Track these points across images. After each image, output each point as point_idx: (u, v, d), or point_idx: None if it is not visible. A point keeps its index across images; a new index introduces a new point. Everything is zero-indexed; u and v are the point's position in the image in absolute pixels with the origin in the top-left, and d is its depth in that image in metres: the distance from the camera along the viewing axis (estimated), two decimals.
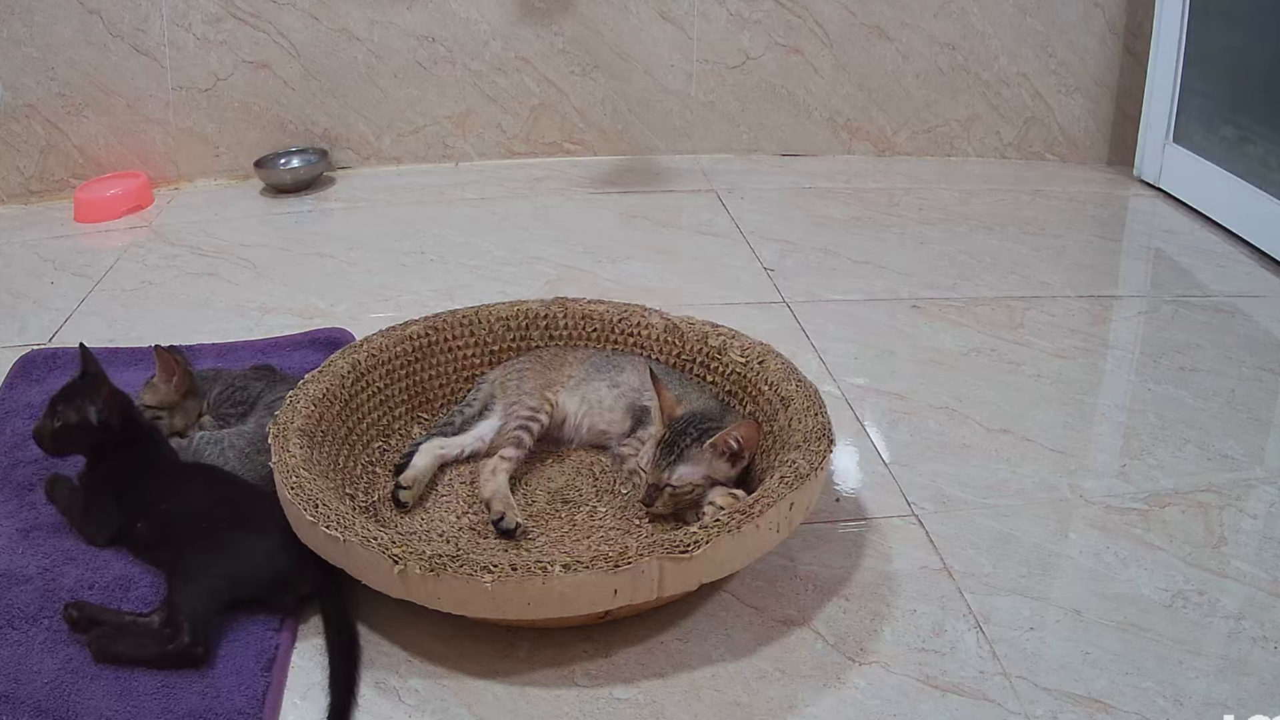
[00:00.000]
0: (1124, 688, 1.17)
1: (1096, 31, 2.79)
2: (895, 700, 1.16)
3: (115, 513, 1.36)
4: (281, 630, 1.23)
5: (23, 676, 1.15)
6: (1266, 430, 1.68)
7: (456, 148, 2.83)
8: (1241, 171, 2.40)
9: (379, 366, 1.57)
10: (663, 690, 1.17)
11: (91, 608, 1.22)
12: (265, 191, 2.66)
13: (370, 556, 1.16)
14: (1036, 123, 2.89)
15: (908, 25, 2.80)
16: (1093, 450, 1.64)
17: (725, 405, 1.54)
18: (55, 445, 1.39)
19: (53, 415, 1.37)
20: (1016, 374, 1.82)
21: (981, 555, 1.38)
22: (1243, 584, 1.33)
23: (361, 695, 1.16)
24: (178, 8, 2.57)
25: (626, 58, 2.80)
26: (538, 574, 1.12)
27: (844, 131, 2.90)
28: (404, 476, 1.45)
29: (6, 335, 1.96)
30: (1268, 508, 1.49)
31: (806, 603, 1.30)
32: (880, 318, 2.02)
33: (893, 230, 2.45)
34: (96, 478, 1.40)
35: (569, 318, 1.68)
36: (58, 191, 2.62)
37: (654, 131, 2.87)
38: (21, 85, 2.54)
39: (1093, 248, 2.40)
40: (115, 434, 1.38)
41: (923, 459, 1.59)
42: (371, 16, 2.67)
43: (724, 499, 1.35)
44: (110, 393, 1.38)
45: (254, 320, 2.00)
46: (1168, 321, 2.03)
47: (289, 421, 1.38)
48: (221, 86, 2.66)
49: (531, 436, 1.51)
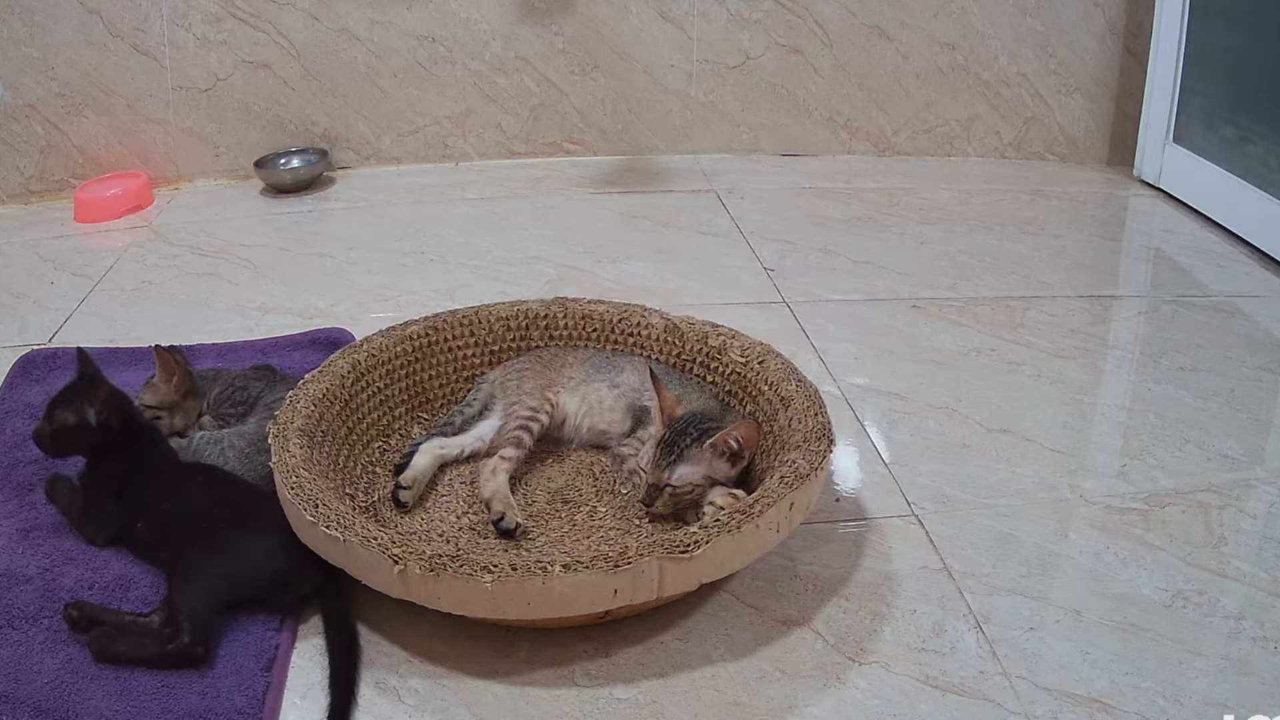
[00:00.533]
0: (1124, 688, 1.17)
1: (1096, 31, 2.79)
2: (895, 700, 1.16)
3: (115, 513, 1.36)
4: (281, 630, 1.23)
5: (23, 676, 1.15)
6: (1266, 430, 1.68)
7: (456, 148, 2.83)
8: (1241, 171, 2.40)
9: (379, 366, 1.57)
10: (663, 690, 1.17)
11: (91, 608, 1.22)
12: (265, 191, 2.66)
13: (370, 556, 1.16)
14: (1036, 123, 2.89)
15: (908, 25, 2.80)
16: (1093, 450, 1.64)
17: (725, 405, 1.54)
18: (55, 447, 1.39)
19: (50, 418, 1.37)
20: (1016, 374, 1.82)
21: (981, 555, 1.38)
22: (1243, 584, 1.33)
23: (361, 695, 1.16)
24: (178, 8, 2.57)
25: (626, 58, 2.80)
26: (538, 574, 1.12)
27: (844, 131, 2.90)
28: (404, 476, 1.45)
29: (6, 335, 1.96)
30: (1268, 508, 1.49)
31: (806, 603, 1.30)
32: (880, 318, 2.02)
33: (892, 230, 2.45)
34: (96, 478, 1.40)
35: (569, 318, 1.68)
36: (58, 191, 2.62)
37: (654, 131, 2.87)
38: (21, 85, 2.54)
39: (1093, 248, 2.40)
40: (114, 434, 1.38)
41: (923, 459, 1.59)
42: (371, 16, 2.68)
43: (724, 499, 1.35)
44: (108, 393, 1.38)
45: (254, 320, 2.00)
46: (1168, 321, 2.03)
47: (289, 421, 1.38)
48: (221, 86, 2.66)
49: (532, 436, 1.51)
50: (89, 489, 1.39)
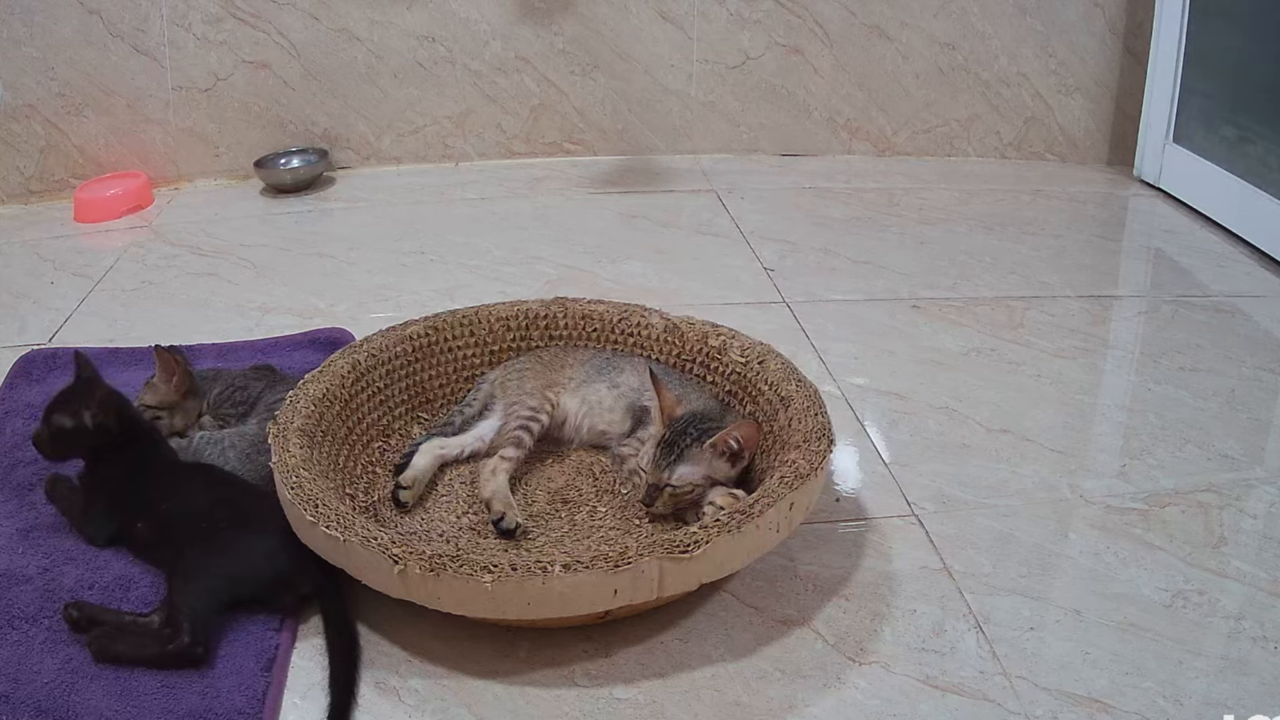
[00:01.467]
0: (1124, 688, 1.17)
1: (1096, 31, 2.79)
2: (895, 700, 1.16)
3: (115, 513, 1.36)
4: (281, 630, 1.23)
5: (23, 676, 1.15)
6: (1266, 430, 1.68)
7: (456, 148, 2.83)
8: (1241, 171, 2.40)
9: (379, 366, 1.57)
10: (663, 690, 1.17)
11: (91, 608, 1.22)
12: (265, 191, 2.66)
13: (370, 556, 1.16)
14: (1036, 123, 2.89)
15: (908, 25, 2.80)
16: (1093, 450, 1.64)
17: (725, 405, 1.54)
18: (54, 451, 1.39)
19: (48, 422, 1.37)
20: (1016, 374, 1.82)
21: (981, 555, 1.38)
22: (1243, 584, 1.33)
23: (361, 695, 1.16)
24: (178, 8, 2.57)
25: (626, 58, 2.80)
26: (538, 574, 1.12)
27: (844, 131, 2.90)
28: (404, 476, 1.45)
29: (6, 335, 1.96)
30: (1268, 508, 1.49)
31: (806, 603, 1.30)
32: (880, 318, 2.02)
33: (893, 230, 2.45)
34: (96, 479, 1.40)
35: (569, 318, 1.68)
36: (58, 191, 2.62)
37: (654, 131, 2.87)
38: (21, 85, 2.54)
39: (1093, 248, 2.40)
40: (112, 436, 1.38)
41: (923, 459, 1.59)
42: (371, 16, 2.68)
43: (724, 499, 1.35)
44: (104, 396, 1.38)
45: (254, 320, 2.00)
46: (1168, 321, 2.03)
47: (289, 421, 1.38)
48: (221, 86, 2.66)
49: (532, 436, 1.51)
50: (88, 490, 1.39)
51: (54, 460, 1.42)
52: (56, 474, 1.43)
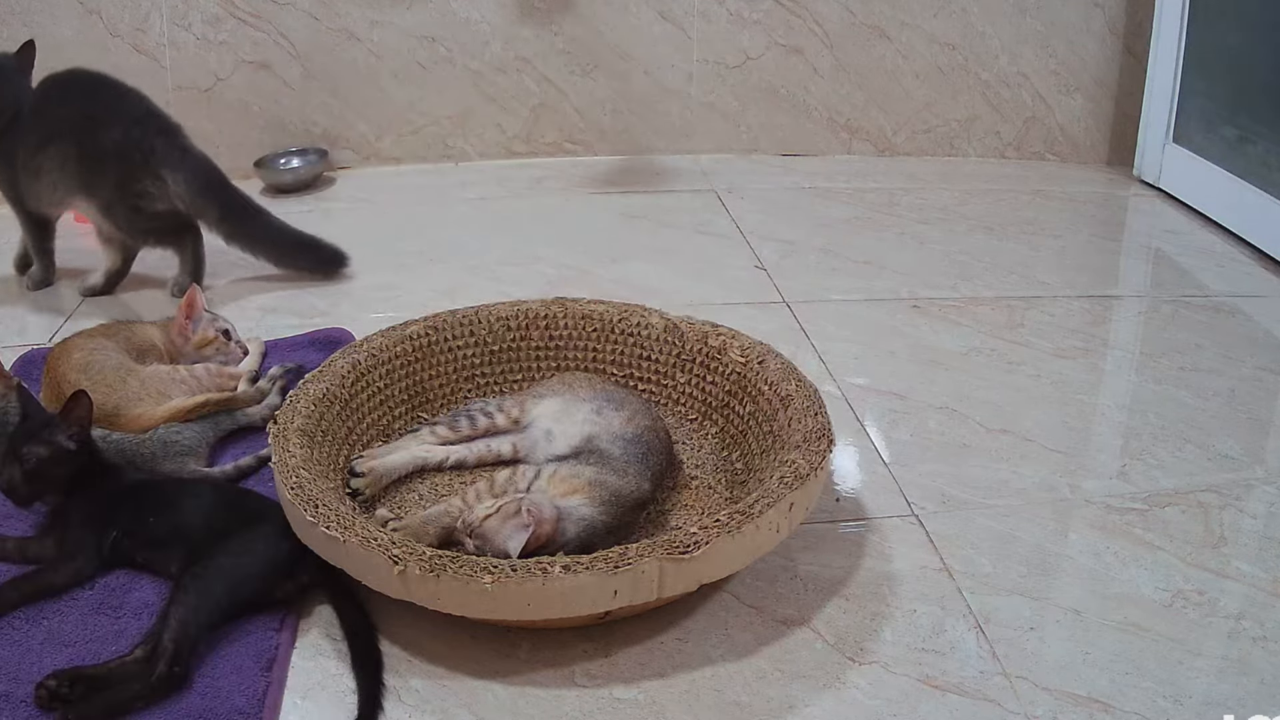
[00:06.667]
0: (1124, 688, 1.17)
1: (1096, 31, 2.79)
2: (895, 700, 1.16)
3: (99, 536, 1.29)
4: (281, 630, 1.23)
5: (23, 676, 1.15)
6: (1266, 430, 1.68)
7: (456, 147, 2.83)
8: (1241, 171, 2.40)
9: (379, 366, 1.57)
10: (663, 690, 1.17)
11: (67, 672, 1.12)
12: (265, 191, 2.66)
13: (370, 557, 1.16)
14: (1036, 123, 2.89)
15: (908, 25, 2.80)
16: (1093, 450, 1.64)
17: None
18: (30, 489, 1.29)
19: (20, 459, 1.27)
20: (1016, 374, 1.82)
21: (981, 555, 1.38)
22: (1243, 584, 1.34)
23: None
24: (178, 8, 2.57)
25: (626, 58, 2.80)
26: (537, 575, 1.12)
27: (844, 131, 2.90)
28: (358, 463, 1.44)
29: (6, 335, 1.96)
30: (1268, 508, 1.49)
31: (806, 603, 1.30)
32: (880, 318, 2.02)
33: (893, 230, 2.45)
34: (73, 511, 1.31)
35: (569, 318, 1.68)
36: None
37: (654, 131, 2.87)
38: None
39: (1093, 248, 2.40)
40: (93, 456, 1.33)
41: (923, 459, 1.59)
42: (371, 16, 2.67)
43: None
44: (64, 413, 1.30)
45: (254, 320, 2.00)
46: (1168, 321, 2.03)
47: (289, 421, 1.38)
48: (221, 86, 2.66)
49: (471, 425, 1.51)
50: (68, 527, 1.31)
51: (25, 505, 1.32)
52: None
